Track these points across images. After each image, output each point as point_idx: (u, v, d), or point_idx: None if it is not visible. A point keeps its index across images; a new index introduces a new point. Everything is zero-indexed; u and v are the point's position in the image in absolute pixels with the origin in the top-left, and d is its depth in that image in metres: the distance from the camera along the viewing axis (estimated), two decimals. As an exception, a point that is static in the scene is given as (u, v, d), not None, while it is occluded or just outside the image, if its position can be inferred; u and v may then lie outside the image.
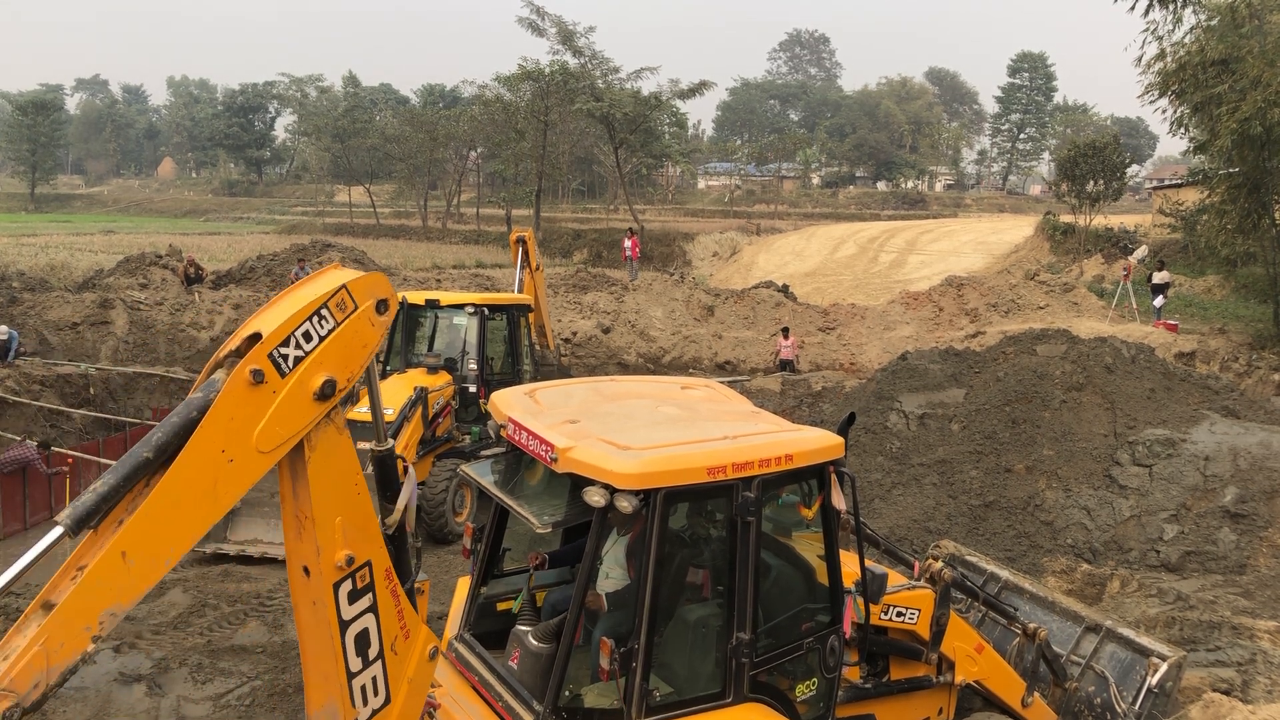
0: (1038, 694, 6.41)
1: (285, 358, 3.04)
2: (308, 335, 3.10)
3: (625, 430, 4.41)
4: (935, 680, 5.90)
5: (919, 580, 5.92)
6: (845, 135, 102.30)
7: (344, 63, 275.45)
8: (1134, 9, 20.03)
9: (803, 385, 19.29)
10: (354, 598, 3.42)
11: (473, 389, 12.77)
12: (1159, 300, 24.92)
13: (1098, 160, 35.83)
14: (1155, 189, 49.95)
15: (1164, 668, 6.39)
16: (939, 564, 5.93)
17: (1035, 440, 11.80)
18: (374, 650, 3.54)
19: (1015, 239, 43.75)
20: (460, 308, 13.17)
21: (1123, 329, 21.59)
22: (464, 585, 5.45)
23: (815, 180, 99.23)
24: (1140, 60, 20.93)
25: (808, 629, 4.91)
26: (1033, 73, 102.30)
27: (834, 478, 4.74)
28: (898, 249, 45.33)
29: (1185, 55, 19.95)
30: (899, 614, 5.63)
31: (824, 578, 4.97)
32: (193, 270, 24.94)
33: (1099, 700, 6.57)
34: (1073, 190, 36.69)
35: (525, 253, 15.58)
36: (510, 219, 56.46)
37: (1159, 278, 25.09)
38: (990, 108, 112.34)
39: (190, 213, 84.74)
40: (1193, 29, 20.13)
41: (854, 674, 5.49)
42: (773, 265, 43.34)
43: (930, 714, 6.01)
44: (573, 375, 17.69)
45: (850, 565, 5.07)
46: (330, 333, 3.16)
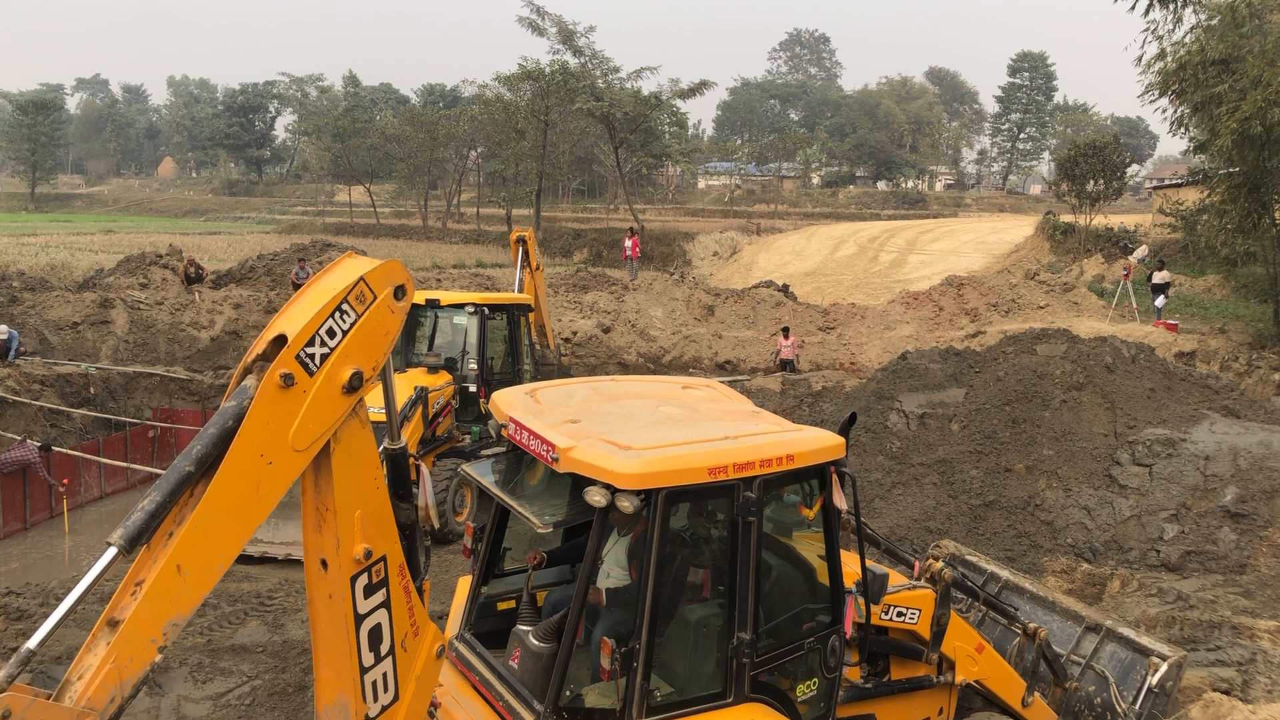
0: (1038, 694, 6.41)
1: (312, 357, 3.08)
2: (331, 332, 3.14)
3: (626, 430, 4.41)
4: (936, 680, 5.90)
5: (919, 580, 5.93)
6: (845, 135, 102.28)
7: (344, 62, 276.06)
8: (1134, 9, 20.10)
9: (803, 385, 19.29)
10: (369, 592, 3.44)
11: (473, 388, 12.80)
12: (1159, 300, 24.91)
13: (1098, 160, 35.81)
14: (1155, 189, 49.88)
15: (1164, 667, 6.40)
16: (939, 564, 5.93)
17: (1035, 440, 11.80)
18: (386, 646, 3.54)
19: (1015, 239, 43.77)
20: (460, 307, 13.18)
21: (1123, 329, 21.61)
22: (464, 585, 5.45)
23: (815, 180, 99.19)
24: (1140, 60, 20.99)
25: (808, 629, 4.91)
26: (1033, 72, 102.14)
27: (835, 478, 4.74)
28: (898, 249, 45.29)
29: (1185, 55, 19.95)
30: (900, 614, 5.63)
31: (825, 578, 4.97)
32: (193, 270, 24.89)
33: (1099, 700, 6.57)
34: (1073, 190, 36.68)
35: (525, 252, 15.57)
36: (510, 219, 56.51)
37: (1159, 277, 25.10)
38: (990, 107, 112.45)
39: (190, 212, 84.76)
40: (1193, 29, 20.18)
41: (854, 674, 5.50)
42: (773, 265, 43.33)
43: (931, 714, 6.01)
44: (573, 375, 17.69)
45: (851, 565, 5.07)
46: (353, 326, 3.19)
